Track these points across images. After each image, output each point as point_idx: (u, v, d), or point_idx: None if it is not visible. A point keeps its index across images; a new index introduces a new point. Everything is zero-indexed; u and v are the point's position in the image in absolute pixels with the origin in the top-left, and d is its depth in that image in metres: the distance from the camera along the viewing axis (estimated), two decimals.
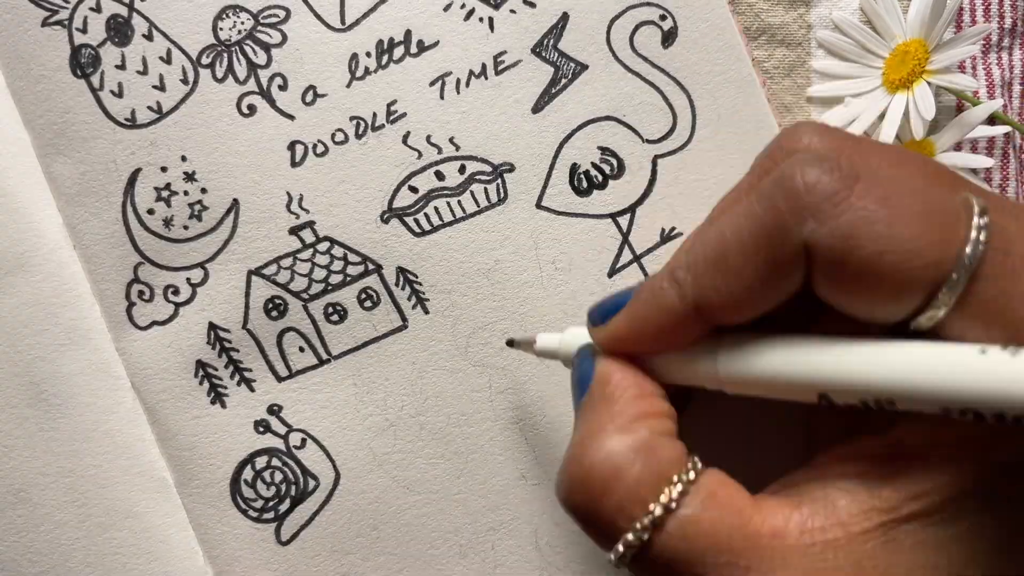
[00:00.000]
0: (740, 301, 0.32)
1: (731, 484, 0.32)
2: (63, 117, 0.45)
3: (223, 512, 0.46)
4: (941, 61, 0.44)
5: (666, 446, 0.32)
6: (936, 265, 0.28)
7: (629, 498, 0.31)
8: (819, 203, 0.29)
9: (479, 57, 0.46)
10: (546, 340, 0.40)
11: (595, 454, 0.32)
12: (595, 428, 0.33)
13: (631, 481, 0.31)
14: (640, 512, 0.31)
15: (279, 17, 0.46)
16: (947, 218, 0.29)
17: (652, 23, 0.47)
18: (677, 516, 0.31)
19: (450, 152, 0.46)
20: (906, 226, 0.28)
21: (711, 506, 0.31)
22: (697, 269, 0.32)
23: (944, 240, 0.28)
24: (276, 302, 0.46)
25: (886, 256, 0.28)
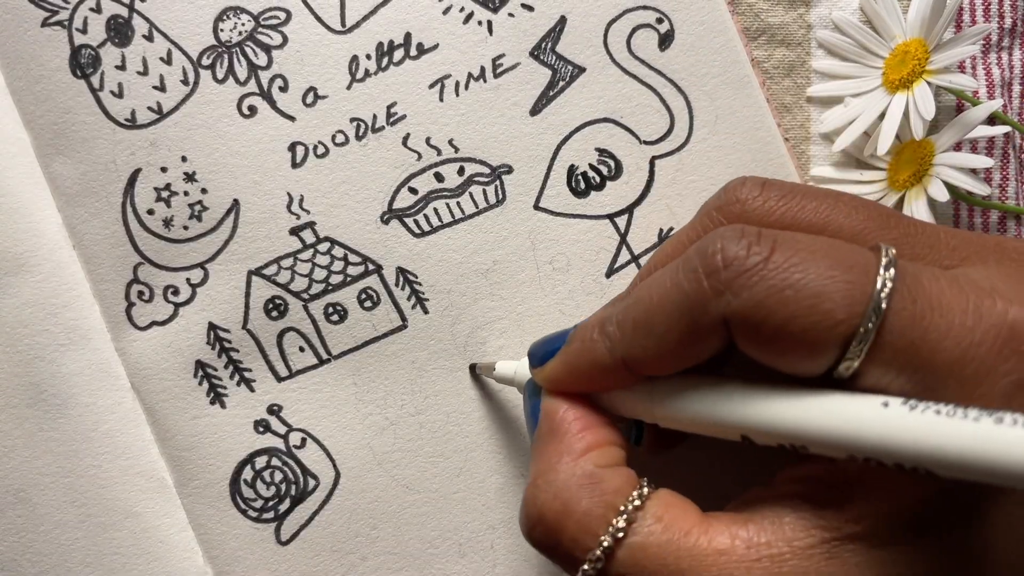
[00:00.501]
0: (663, 360, 0.34)
1: (679, 505, 0.34)
2: (63, 117, 0.45)
3: (223, 512, 0.46)
4: (941, 61, 0.44)
5: (611, 477, 0.34)
6: (845, 320, 0.30)
7: (580, 531, 0.33)
8: (734, 278, 0.31)
9: (478, 60, 0.47)
10: (503, 368, 0.43)
11: (544, 493, 0.35)
12: (544, 466, 0.36)
13: (580, 515, 0.34)
14: (592, 543, 0.33)
15: (280, 19, 0.46)
16: (854, 274, 0.30)
17: (649, 26, 0.47)
18: (625, 544, 0.33)
19: (449, 154, 0.46)
20: (812, 289, 0.30)
21: (656, 530, 0.33)
22: (625, 328, 0.34)
23: (851, 296, 0.30)
24: (276, 302, 0.46)
25: (796, 320, 0.30)
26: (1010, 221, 0.47)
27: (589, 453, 0.35)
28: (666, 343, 0.33)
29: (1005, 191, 0.47)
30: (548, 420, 0.37)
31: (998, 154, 0.47)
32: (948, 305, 0.30)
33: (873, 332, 0.30)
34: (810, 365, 0.31)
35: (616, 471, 0.35)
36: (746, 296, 0.30)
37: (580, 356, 0.36)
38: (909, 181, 0.45)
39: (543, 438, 0.37)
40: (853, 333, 0.30)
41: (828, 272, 0.30)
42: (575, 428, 0.36)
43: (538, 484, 0.35)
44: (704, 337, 0.32)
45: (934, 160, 0.45)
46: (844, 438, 0.30)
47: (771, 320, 0.30)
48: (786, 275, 0.30)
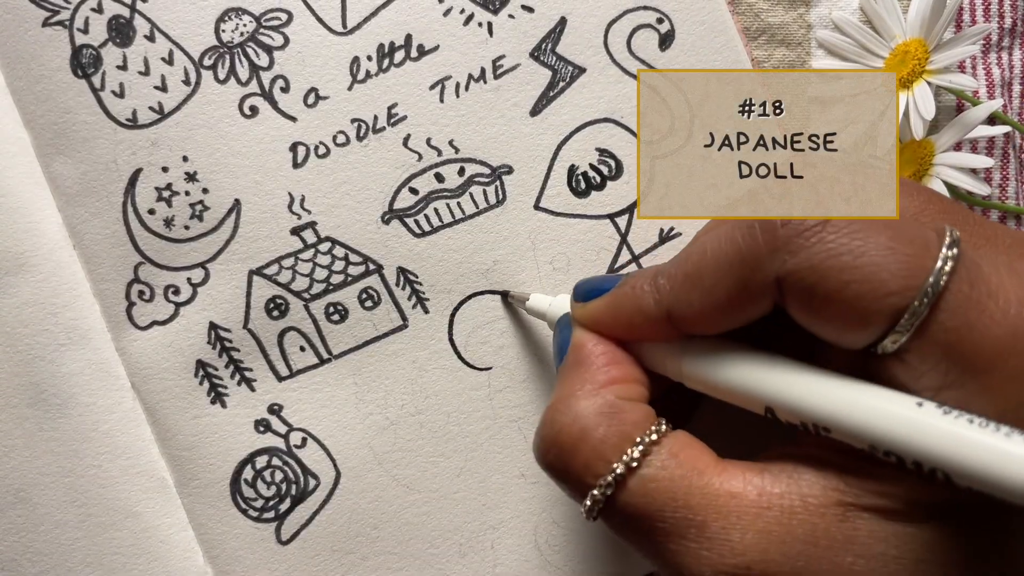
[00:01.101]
0: (709, 317, 0.34)
1: (696, 446, 0.34)
2: (64, 117, 0.45)
3: (223, 512, 0.46)
4: (941, 61, 0.44)
5: (631, 409, 0.35)
6: (899, 293, 0.30)
7: (594, 457, 0.34)
8: (792, 237, 0.31)
9: (478, 61, 0.47)
10: (537, 301, 0.43)
11: (564, 416, 0.35)
12: (566, 392, 0.36)
13: (596, 441, 0.34)
14: (604, 470, 0.34)
15: (281, 20, 0.46)
16: (915, 248, 0.30)
17: (649, 26, 0.47)
18: (638, 474, 0.33)
19: (450, 154, 0.46)
20: (871, 257, 0.30)
21: (671, 465, 0.33)
22: (675, 280, 0.34)
23: (909, 270, 0.30)
24: (277, 302, 0.46)
25: (851, 286, 0.30)
26: (1010, 221, 0.47)
27: (612, 385, 0.36)
28: (714, 299, 0.33)
29: (1005, 191, 0.47)
30: (575, 351, 0.38)
31: (998, 154, 0.47)
32: (1006, 295, 0.30)
33: (926, 309, 0.29)
34: (856, 336, 0.31)
35: (636, 405, 0.35)
36: (803, 256, 0.31)
37: (627, 301, 0.36)
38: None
39: (568, 367, 0.37)
40: (906, 307, 0.29)
41: (888, 243, 0.30)
42: (601, 361, 0.37)
43: (558, 408, 0.36)
44: (754, 296, 0.32)
45: (934, 160, 0.45)
46: (871, 430, 0.30)
47: (825, 284, 0.30)
48: (845, 240, 0.30)
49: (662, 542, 0.33)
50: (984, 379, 0.29)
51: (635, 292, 0.36)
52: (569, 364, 0.37)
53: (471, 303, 0.46)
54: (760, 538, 0.31)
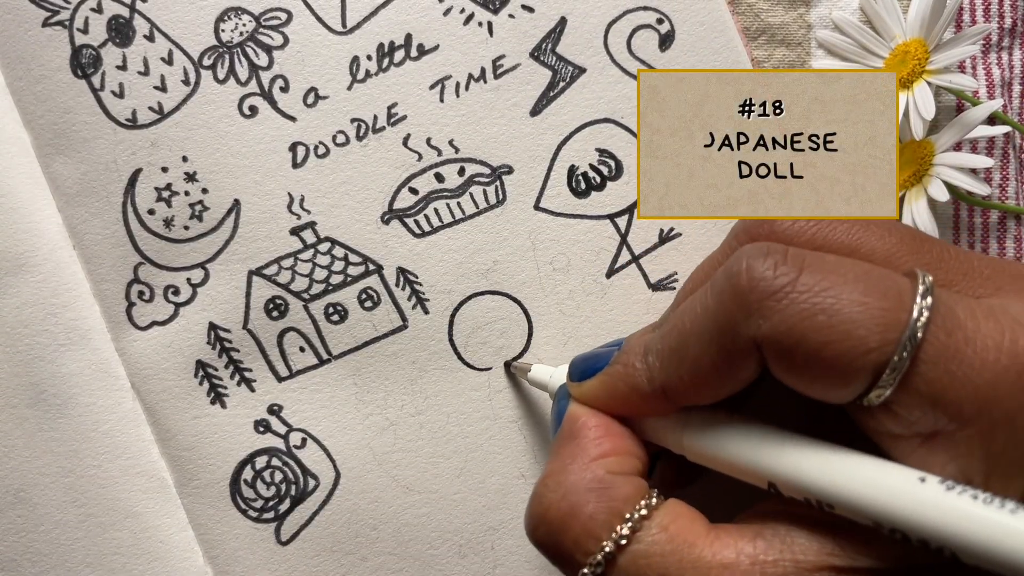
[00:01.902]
0: (701, 389, 0.33)
1: (687, 516, 0.34)
2: (63, 117, 0.45)
3: (223, 512, 0.46)
4: (941, 61, 0.44)
5: (621, 484, 0.34)
6: (879, 348, 0.29)
7: (584, 535, 0.33)
8: (763, 300, 0.30)
9: (478, 61, 0.47)
10: (539, 372, 0.43)
11: (553, 493, 0.35)
12: (556, 467, 0.36)
13: (585, 519, 0.34)
14: (594, 548, 0.33)
15: (280, 19, 0.46)
16: (889, 301, 0.30)
17: (649, 27, 0.47)
18: (628, 551, 0.33)
19: (450, 154, 0.46)
20: (847, 315, 0.30)
21: (662, 540, 0.33)
22: (663, 356, 0.34)
23: (885, 324, 0.29)
24: (277, 302, 0.46)
25: (829, 347, 0.30)
26: (1010, 221, 0.47)
27: (603, 459, 0.35)
28: (701, 370, 0.33)
29: (1005, 191, 0.47)
30: (570, 423, 0.37)
31: (998, 154, 0.47)
32: (983, 341, 0.29)
33: (907, 362, 0.29)
34: (840, 393, 0.31)
35: (627, 479, 0.35)
36: (777, 320, 0.30)
37: (620, 381, 0.36)
38: (909, 181, 0.45)
39: (561, 440, 0.37)
40: (886, 362, 0.29)
41: (862, 298, 0.30)
42: (593, 433, 0.36)
43: (547, 483, 0.35)
44: (738, 362, 0.32)
45: (934, 160, 0.45)
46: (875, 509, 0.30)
47: (804, 345, 0.30)
48: (818, 299, 0.30)
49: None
50: (971, 428, 0.29)
51: (627, 371, 0.36)
52: (563, 436, 0.37)
53: (471, 303, 0.46)
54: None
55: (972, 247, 0.47)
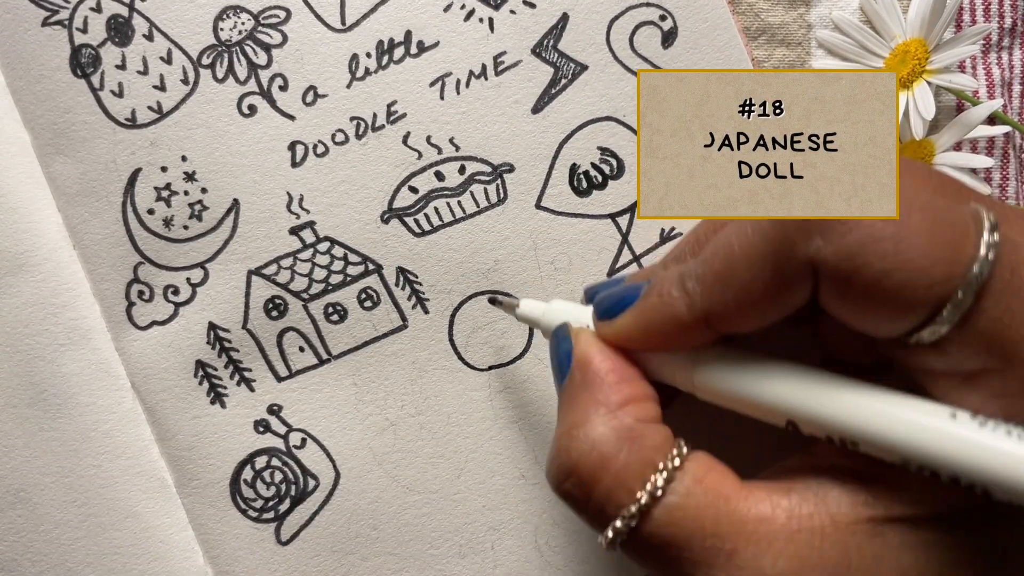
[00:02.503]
0: (747, 314, 0.32)
1: (718, 469, 0.33)
2: (63, 117, 0.45)
3: (223, 512, 0.46)
4: (941, 61, 0.44)
5: (651, 432, 0.33)
6: (943, 282, 0.28)
7: (616, 486, 0.32)
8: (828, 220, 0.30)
9: (479, 58, 0.46)
10: (529, 307, 0.41)
11: (582, 444, 0.33)
12: (580, 417, 0.34)
13: (617, 469, 0.32)
14: (628, 500, 0.32)
15: (279, 18, 0.46)
16: (955, 234, 0.29)
17: (652, 23, 0.47)
18: (663, 503, 0.32)
19: (450, 152, 0.46)
20: (912, 243, 0.29)
21: (697, 492, 0.32)
22: (706, 281, 0.32)
23: (951, 257, 0.28)
24: (276, 302, 0.46)
25: (892, 275, 0.29)
26: None
27: (628, 406, 0.34)
28: (750, 294, 0.31)
29: (1005, 191, 0.47)
30: (582, 369, 0.36)
31: (998, 154, 0.47)
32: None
33: (970, 298, 0.28)
34: (895, 325, 0.30)
35: (655, 428, 0.34)
36: (839, 242, 0.29)
37: (657, 312, 0.34)
38: None
39: (576, 388, 0.35)
40: (948, 296, 0.28)
41: (929, 228, 0.29)
42: (611, 379, 0.35)
43: (573, 435, 0.34)
44: (791, 285, 0.31)
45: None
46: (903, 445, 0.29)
47: (865, 272, 0.29)
48: (882, 224, 0.29)
49: (690, 572, 0.31)
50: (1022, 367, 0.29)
51: (664, 301, 0.34)
52: (576, 384, 0.35)
53: (471, 303, 0.46)
54: (793, 564, 0.30)
55: None
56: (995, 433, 0.28)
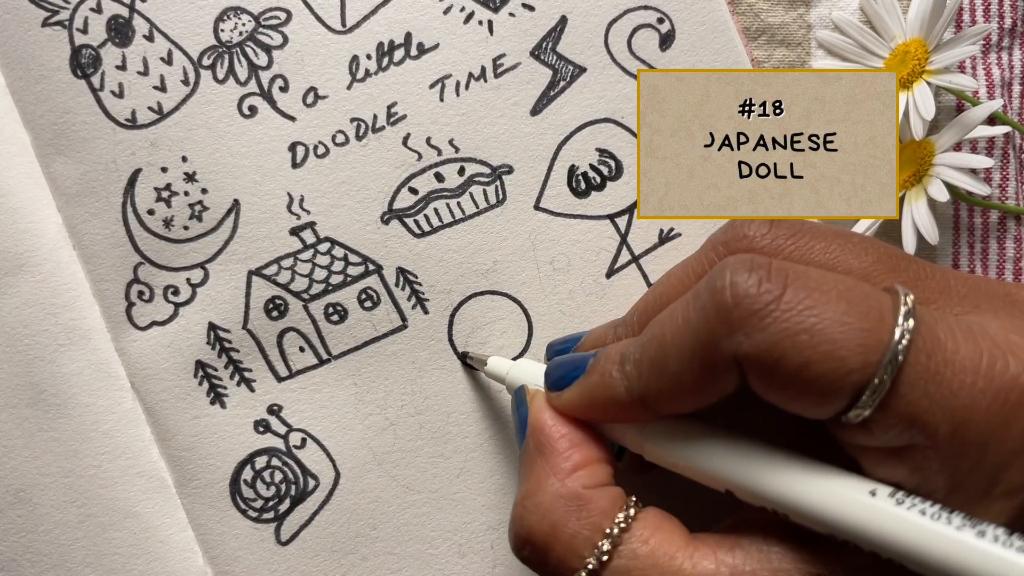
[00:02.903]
0: (679, 400, 0.33)
1: (666, 527, 0.34)
2: (63, 117, 0.45)
3: (223, 512, 0.46)
4: (941, 61, 0.44)
5: (598, 497, 0.35)
6: (859, 370, 0.29)
7: (567, 553, 0.34)
8: (746, 318, 0.30)
9: (478, 60, 0.47)
10: (496, 365, 0.43)
11: (533, 515, 0.35)
12: (533, 486, 0.36)
13: (567, 537, 0.34)
14: (578, 564, 0.34)
15: (280, 19, 0.46)
16: (871, 321, 0.30)
17: (650, 26, 0.47)
18: (611, 567, 0.33)
19: (449, 154, 0.46)
20: (828, 335, 0.29)
21: (643, 553, 0.33)
22: (642, 366, 0.34)
23: (867, 345, 0.29)
24: (276, 302, 0.46)
25: (810, 367, 0.30)
26: (1010, 221, 0.47)
27: (576, 472, 0.36)
28: (681, 382, 0.33)
29: (1005, 191, 0.47)
30: (536, 435, 0.37)
31: (998, 154, 0.47)
32: (962, 363, 0.29)
33: (887, 384, 0.29)
34: (820, 411, 0.31)
35: (603, 492, 0.35)
36: (759, 338, 0.30)
37: (599, 391, 0.36)
38: (909, 181, 0.45)
39: (530, 455, 0.37)
40: (867, 383, 0.29)
41: (844, 317, 0.30)
42: (562, 446, 0.37)
43: (525, 505, 0.36)
44: (718, 376, 0.32)
45: (934, 160, 0.45)
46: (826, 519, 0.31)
47: (784, 364, 0.30)
48: (800, 318, 0.30)
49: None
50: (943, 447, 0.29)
51: (605, 381, 0.35)
52: (531, 451, 0.37)
53: (471, 304, 0.46)
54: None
55: (972, 247, 0.47)
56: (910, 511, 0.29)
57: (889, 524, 0.29)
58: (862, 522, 0.30)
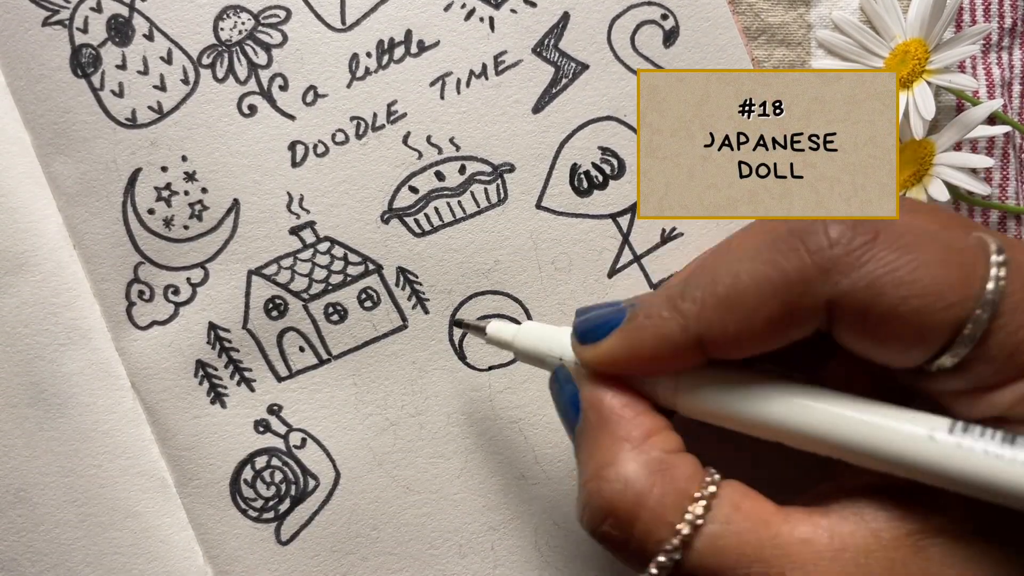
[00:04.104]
0: (746, 342, 0.32)
1: (753, 495, 0.33)
2: (63, 117, 0.45)
3: (223, 512, 0.46)
4: (941, 61, 0.44)
5: (680, 463, 0.33)
6: (959, 304, 0.29)
7: (655, 522, 0.32)
8: (843, 256, 0.30)
9: (480, 57, 0.46)
10: (499, 329, 0.41)
11: (614, 484, 0.33)
12: (606, 457, 0.33)
13: (654, 505, 0.32)
14: (668, 534, 0.32)
15: (280, 17, 0.46)
16: (965, 259, 0.30)
17: (654, 22, 0.47)
18: (704, 533, 0.31)
19: (450, 152, 0.46)
20: (927, 271, 0.29)
21: (736, 519, 0.32)
22: (706, 304, 0.32)
23: (964, 280, 0.29)
24: (276, 302, 0.46)
25: (910, 301, 0.29)
26: (1010, 221, 0.47)
27: (651, 439, 0.34)
28: (753, 324, 0.32)
29: (1005, 191, 0.47)
30: (596, 410, 0.35)
31: (998, 154, 0.47)
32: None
33: (988, 316, 0.29)
34: (912, 354, 0.30)
35: (683, 457, 0.34)
36: (857, 276, 0.30)
37: (646, 333, 0.34)
38: (909, 181, 0.45)
39: (591, 431, 0.35)
40: (967, 317, 0.29)
41: (941, 254, 0.30)
42: (628, 414, 0.34)
43: (603, 475, 0.33)
44: (799, 321, 0.31)
45: (934, 160, 0.45)
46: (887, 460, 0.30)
47: (882, 301, 0.30)
48: (898, 255, 0.30)
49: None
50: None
51: (654, 322, 0.33)
52: (593, 425, 0.35)
53: (471, 303, 0.46)
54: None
55: None
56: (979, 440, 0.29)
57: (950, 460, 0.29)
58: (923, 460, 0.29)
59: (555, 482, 0.46)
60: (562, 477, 0.46)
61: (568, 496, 0.46)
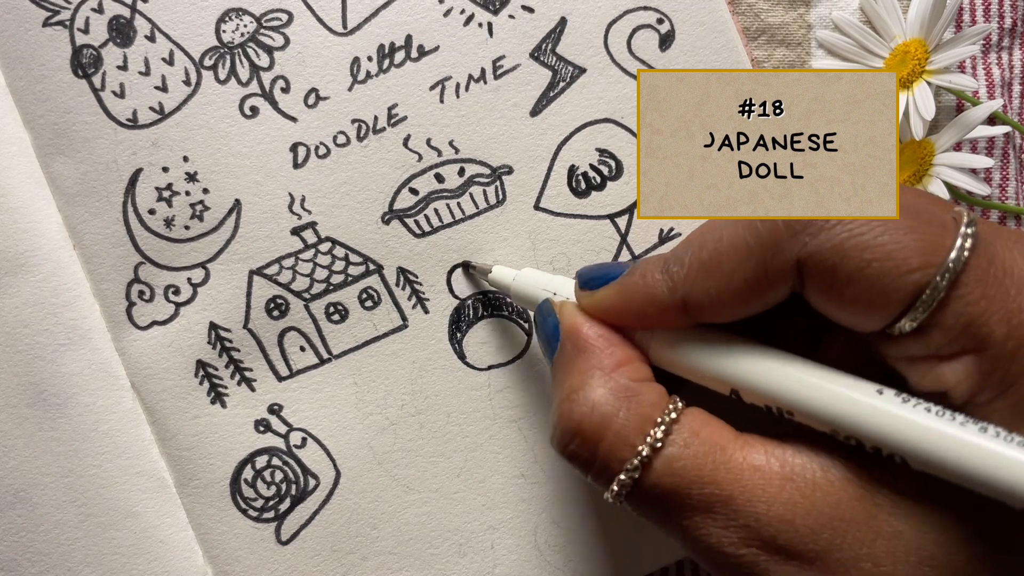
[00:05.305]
0: (726, 305, 0.34)
1: (713, 421, 0.35)
2: (64, 117, 0.45)
3: (223, 512, 0.46)
4: (941, 61, 0.44)
5: (646, 390, 0.35)
6: (921, 270, 0.30)
7: (619, 442, 0.34)
8: (811, 220, 0.32)
9: (478, 61, 0.47)
10: (501, 273, 0.44)
11: (583, 406, 0.35)
12: (577, 382, 0.36)
13: (618, 427, 0.34)
14: (629, 454, 0.34)
15: (282, 20, 0.46)
16: (934, 228, 0.31)
17: (649, 27, 0.47)
18: (663, 455, 0.33)
19: (450, 155, 0.46)
20: (892, 236, 0.30)
21: (694, 443, 0.34)
22: (690, 268, 0.34)
23: (930, 247, 0.30)
24: (277, 302, 0.46)
25: (872, 265, 0.30)
26: (1010, 221, 0.47)
27: (621, 368, 0.36)
28: (732, 286, 0.33)
29: (1005, 191, 0.47)
30: (572, 338, 0.37)
31: (998, 154, 0.47)
32: (1020, 272, 0.30)
33: (946, 286, 0.30)
34: (875, 316, 0.31)
35: (650, 385, 0.35)
36: (824, 237, 0.31)
37: (638, 290, 0.36)
38: (909, 181, 0.45)
39: (569, 356, 0.37)
40: (927, 283, 0.30)
41: (908, 223, 0.31)
42: (601, 344, 0.37)
43: (573, 398, 0.35)
44: (773, 282, 0.33)
45: (934, 160, 0.45)
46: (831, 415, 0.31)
47: (847, 263, 0.31)
48: (865, 222, 0.31)
49: (689, 518, 0.33)
50: (997, 349, 0.30)
51: (646, 280, 0.35)
52: (568, 352, 0.37)
53: (471, 303, 0.46)
54: (786, 509, 0.32)
55: None
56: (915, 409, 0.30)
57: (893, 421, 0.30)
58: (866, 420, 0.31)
59: (554, 481, 0.46)
60: (561, 476, 0.46)
61: (568, 495, 0.46)
